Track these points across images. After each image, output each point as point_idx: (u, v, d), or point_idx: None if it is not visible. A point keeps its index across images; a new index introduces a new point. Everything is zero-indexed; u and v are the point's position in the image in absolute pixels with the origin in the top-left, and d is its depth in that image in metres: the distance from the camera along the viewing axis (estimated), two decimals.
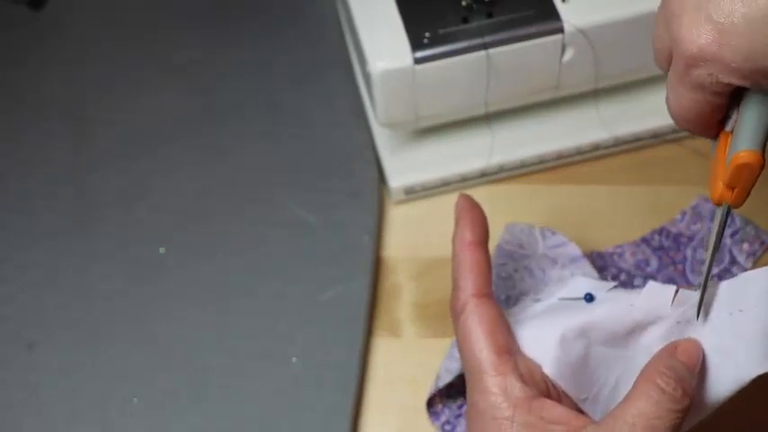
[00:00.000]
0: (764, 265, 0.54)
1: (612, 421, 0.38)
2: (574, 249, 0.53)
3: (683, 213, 0.56)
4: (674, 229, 0.56)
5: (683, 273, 0.54)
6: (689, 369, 0.40)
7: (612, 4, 0.52)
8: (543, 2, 0.52)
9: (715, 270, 0.53)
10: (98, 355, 0.53)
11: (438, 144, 0.58)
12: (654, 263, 0.55)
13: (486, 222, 0.45)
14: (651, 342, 0.43)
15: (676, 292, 0.43)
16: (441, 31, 0.51)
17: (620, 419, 0.38)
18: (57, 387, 0.52)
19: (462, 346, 0.42)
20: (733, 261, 0.54)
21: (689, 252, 0.55)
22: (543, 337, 0.43)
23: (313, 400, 0.51)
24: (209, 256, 0.56)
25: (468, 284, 0.43)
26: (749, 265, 0.54)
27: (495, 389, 0.40)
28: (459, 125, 0.58)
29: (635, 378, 0.39)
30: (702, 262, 0.53)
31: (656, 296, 0.44)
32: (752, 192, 0.52)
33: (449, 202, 0.58)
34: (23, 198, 0.58)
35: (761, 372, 0.40)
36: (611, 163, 0.60)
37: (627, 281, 0.54)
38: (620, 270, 0.55)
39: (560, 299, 0.45)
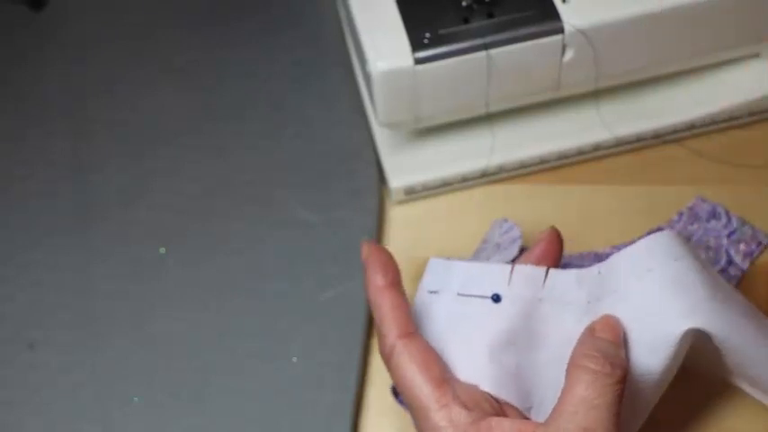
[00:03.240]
0: (762, 265, 0.54)
1: (557, 416, 0.39)
2: (516, 231, 0.52)
3: (680, 214, 0.56)
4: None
5: None
6: (613, 342, 0.41)
7: (613, 5, 0.52)
8: (543, 2, 0.52)
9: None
10: (98, 354, 0.53)
11: (438, 144, 0.58)
12: None
13: (395, 263, 0.45)
14: (571, 329, 0.43)
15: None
16: (441, 32, 0.51)
17: (563, 413, 0.39)
18: (57, 386, 0.52)
19: (400, 387, 0.43)
20: (730, 261, 0.54)
21: None
22: (470, 354, 0.44)
23: (313, 400, 0.51)
24: (209, 256, 0.56)
25: (392, 328, 0.43)
26: (746, 265, 0.54)
27: (443, 422, 0.41)
28: (460, 125, 0.58)
29: None
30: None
31: (560, 283, 0.45)
32: (749, 192, 0.52)
33: (449, 202, 0.59)
34: (23, 197, 0.59)
35: (690, 325, 0.40)
36: (612, 163, 0.60)
37: None
38: None
39: (461, 294, 0.46)
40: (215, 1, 0.67)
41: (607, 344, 0.41)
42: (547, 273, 0.45)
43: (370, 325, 0.54)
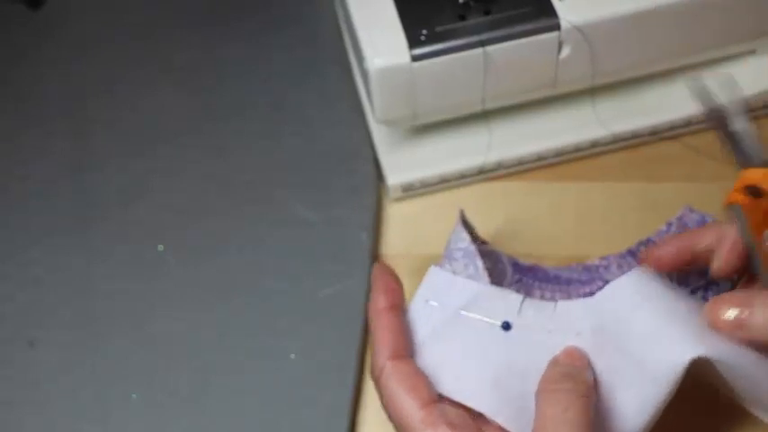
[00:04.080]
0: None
1: None
2: (458, 226, 0.51)
3: (669, 224, 0.55)
4: (659, 241, 0.55)
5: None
6: (573, 364, 0.42)
7: (609, 2, 0.52)
8: None
9: (701, 281, 0.52)
10: (98, 352, 0.53)
11: (436, 141, 0.59)
12: None
13: (401, 288, 0.46)
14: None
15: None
16: (438, 29, 0.51)
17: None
18: (57, 385, 0.52)
19: (388, 408, 0.43)
20: None
21: None
22: (470, 375, 0.44)
23: (312, 398, 0.51)
24: (208, 254, 0.56)
25: (384, 348, 0.44)
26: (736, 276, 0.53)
27: None
28: (457, 122, 0.58)
29: None
30: (688, 273, 0.52)
31: (568, 312, 0.46)
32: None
33: (447, 199, 0.59)
34: (23, 197, 0.59)
35: (697, 354, 0.41)
36: (610, 160, 0.60)
37: None
38: (606, 282, 0.54)
39: (464, 312, 0.46)
40: (214, 1, 0.68)
41: (569, 367, 0.42)
42: (556, 305, 0.46)
43: (369, 323, 0.54)
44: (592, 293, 0.53)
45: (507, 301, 0.46)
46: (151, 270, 0.56)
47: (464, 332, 0.46)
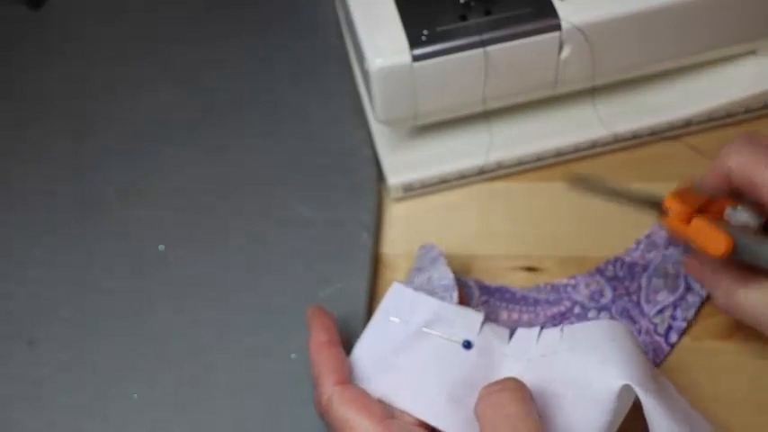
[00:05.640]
0: None
1: None
2: (435, 252, 0.52)
3: (638, 242, 0.56)
4: (628, 259, 0.55)
5: (638, 303, 0.54)
6: (500, 382, 0.43)
7: (609, 2, 0.52)
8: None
9: (670, 299, 0.53)
10: (98, 351, 0.53)
11: (436, 141, 0.59)
12: (608, 293, 0.54)
13: (336, 326, 0.48)
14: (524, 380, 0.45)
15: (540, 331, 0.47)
16: (439, 29, 0.51)
17: None
18: (57, 383, 0.52)
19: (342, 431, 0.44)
20: (688, 288, 0.54)
21: (644, 281, 0.54)
22: (427, 390, 0.45)
23: (312, 397, 0.51)
24: (208, 253, 0.56)
25: (329, 378, 0.45)
26: (705, 292, 0.53)
27: None
28: (458, 122, 0.58)
29: None
30: (657, 290, 0.54)
31: (523, 340, 0.47)
32: None
33: (447, 199, 0.59)
34: (24, 195, 0.59)
35: (625, 381, 0.43)
36: (610, 160, 0.60)
37: (581, 314, 0.54)
38: (575, 303, 0.54)
39: (426, 330, 0.47)
40: (214, 1, 0.68)
41: (502, 381, 0.43)
42: (513, 331, 0.48)
43: (369, 322, 0.54)
44: (560, 313, 0.53)
45: (468, 321, 0.47)
46: (151, 268, 0.56)
47: (425, 349, 0.47)
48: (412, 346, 0.47)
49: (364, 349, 0.48)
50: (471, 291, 0.54)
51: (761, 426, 0.50)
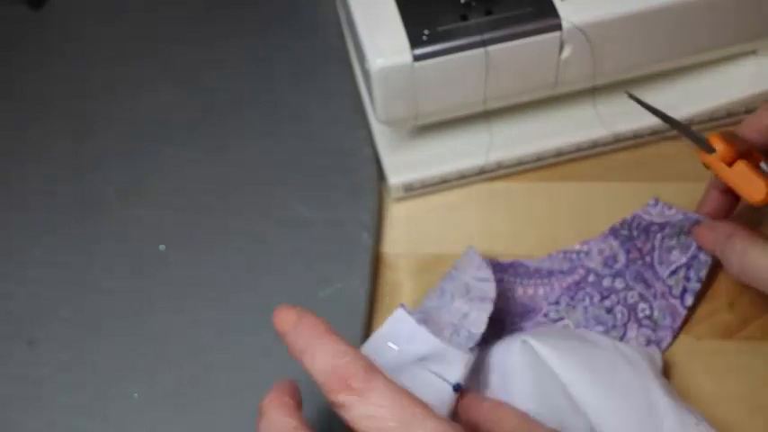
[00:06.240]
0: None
1: None
2: (490, 291, 0.50)
3: (656, 200, 0.55)
4: (646, 217, 0.55)
5: (651, 264, 0.53)
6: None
7: (610, 2, 0.52)
8: None
9: (683, 259, 0.53)
10: (98, 351, 0.53)
11: (437, 141, 0.59)
12: (622, 258, 0.54)
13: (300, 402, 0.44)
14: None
15: None
16: (440, 29, 0.51)
17: None
18: (57, 383, 0.52)
19: None
20: (700, 247, 0.53)
21: (657, 241, 0.54)
22: None
23: (312, 397, 0.51)
24: (208, 253, 0.56)
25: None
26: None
27: None
28: (458, 122, 0.58)
29: None
30: (670, 250, 0.53)
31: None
32: None
33: (448, 199, 0.59)
34: (24, 195, 0.59)
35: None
36: (610, 160, 0.60)
37: (596, 282, 0.54)
38: (588, 270, 0.54)
39: (422, 363, 0.47)
40: (214, 0, 0.68)
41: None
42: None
43: (369, 322, 0.54)
44: (575, 283, 0.53)
45: (462, 363, 0.47)
46: (151, 268, 0.56)
47: (416, 382, 0.46)
48: (404, 376, 0.46)
49: None
50: None
51: (761, 426, 0.50)
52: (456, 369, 0.47)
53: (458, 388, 0.46)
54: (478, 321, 0.49)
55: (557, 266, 0.54)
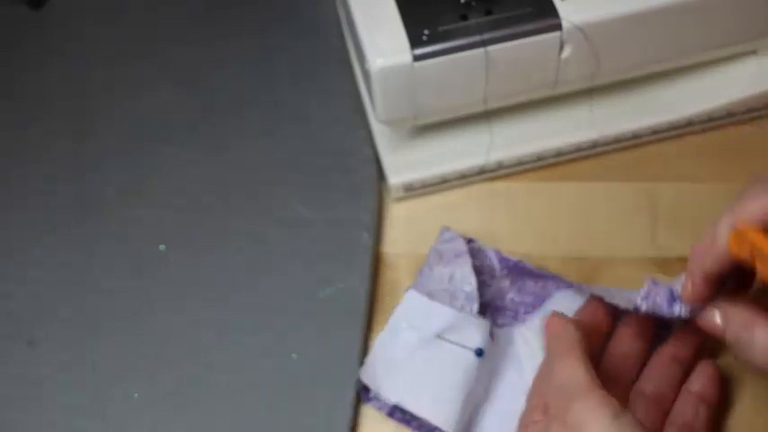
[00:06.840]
0: None
1: None
2: (460, 245, 0.53)
3: (637, 306, 0.49)
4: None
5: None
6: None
7: (610, 2, 0.52)
8: None
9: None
10: (98, 351, 0.53)
11: (437, 141, 0.59)
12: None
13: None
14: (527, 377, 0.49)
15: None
16: (440, 29, 0.51)
17: None
18: (57, 383, 0.52)
19: None
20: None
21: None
22: (444, 400, 0.48)
23: (312, 397, 0.51)
24: (208, 253, 0.56)
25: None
26: None
27: None
28: (458, 122, 0.58)
29: None
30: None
31: (531, 339, 0.51)
32: None
33: (448, 199, 0.59)
34: (24, 195, 0.59)
35: None
36: (610, 160, 0.60)
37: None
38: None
39: (440, 337, 0.49)
40: (214, 0, 0.68)
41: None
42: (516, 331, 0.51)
43: (369, 322, 0.54)
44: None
45: (479, 328, 0.49)
46: (151, 268, 0.56)
47: (440, 357, 0.48)
48: (426, 352, 0.49)
49: (378, 355, 0.50)
50: (492, 264, 0.54)
51: (761, 426, 0.50)
52: (475, 335, 0.48)
53: (480, 353, 0.48)
54: (466, 277, 0.51)
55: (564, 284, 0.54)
